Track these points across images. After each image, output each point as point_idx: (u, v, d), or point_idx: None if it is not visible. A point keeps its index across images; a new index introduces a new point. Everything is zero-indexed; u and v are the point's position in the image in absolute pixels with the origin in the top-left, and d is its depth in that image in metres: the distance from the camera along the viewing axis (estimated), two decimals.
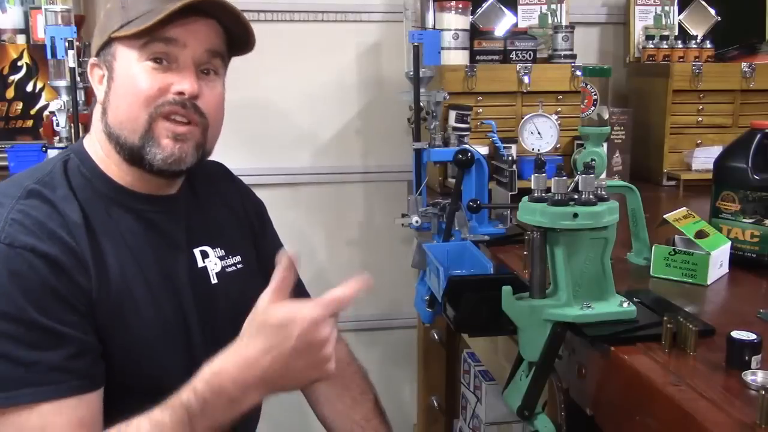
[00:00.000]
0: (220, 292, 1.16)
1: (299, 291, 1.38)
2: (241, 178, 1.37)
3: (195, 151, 1.09)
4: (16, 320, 0.94)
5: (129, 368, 1.04)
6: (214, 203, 1.23)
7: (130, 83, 1.06)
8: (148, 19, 1.03)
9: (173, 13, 1.02)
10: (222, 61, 1.12)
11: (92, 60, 1.12)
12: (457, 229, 1.45)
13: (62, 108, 1.70)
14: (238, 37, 1.12)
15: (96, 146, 1.11)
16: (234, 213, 1.27)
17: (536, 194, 0.95)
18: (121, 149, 1.08)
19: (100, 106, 1.11)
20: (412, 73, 1.57)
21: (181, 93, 1.06)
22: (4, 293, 0.94)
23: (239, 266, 1.21)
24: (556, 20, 2.17)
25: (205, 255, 1.16)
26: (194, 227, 1.17)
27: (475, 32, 2.04)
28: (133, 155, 1.07)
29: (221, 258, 1.18)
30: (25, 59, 2.00)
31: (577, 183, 0.96)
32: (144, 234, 1.09)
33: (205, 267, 1.16)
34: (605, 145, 1.56)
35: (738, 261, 1.27)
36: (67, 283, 0.98)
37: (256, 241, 1.29)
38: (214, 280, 1.16)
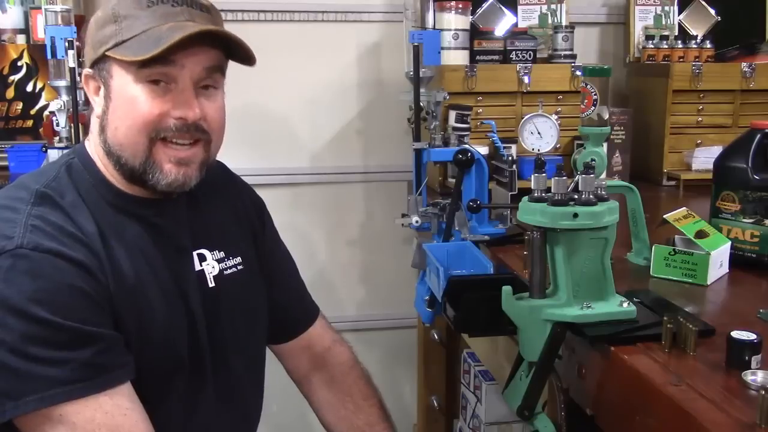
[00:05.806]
0: (219, 296, 1.16)
1: (292, 280, 1.38)
2: (241, 178, 1.36)
3: (199, 171, 1.08)
4: (45, 323, 0.93)
5: (140, 370, 1.04)
6: (214, 204, 1.22)
7: (128, 106, 1.03)
8: (145, 46, 0.99)
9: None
10: (221, 72, 1.09)
11: (86, 71, 1.08)
12: (457, 229, 1.45)
13: (62, 108, 1.69)
14: (238, 54, 1.09)
15: (96, 155, 1.10)
16: (234, 212, 1.26)
17: (536, 194, 0.95)
18: (121, 168, 1.06)
19: (98, 120, 1.08)
20: (412, 73, 1.57)
21: (182, 118, 1.03)
22: (32, 297, 0.93)
23: (239, 267, 1.20)
24: (556, 20, 2.17)
25: (202, 258, 1.15)
26: (195, 230, 1.16)
27: (475, 32, 2.03)
28: (134, 177, 1.06)
29: (219, 261, 1.17)
30: (25, 59, 2.00)
31: (577, 183, 0.96)
32: (152, 239, 1.09)
33: (202, 270, 1.15)
34: (605, 145, 1.56)
35: (738, 261, 1.27)
36: (94, 284, 0.99)
37: (255, 239, 1.28)
38: (211, 284, 1.15)
